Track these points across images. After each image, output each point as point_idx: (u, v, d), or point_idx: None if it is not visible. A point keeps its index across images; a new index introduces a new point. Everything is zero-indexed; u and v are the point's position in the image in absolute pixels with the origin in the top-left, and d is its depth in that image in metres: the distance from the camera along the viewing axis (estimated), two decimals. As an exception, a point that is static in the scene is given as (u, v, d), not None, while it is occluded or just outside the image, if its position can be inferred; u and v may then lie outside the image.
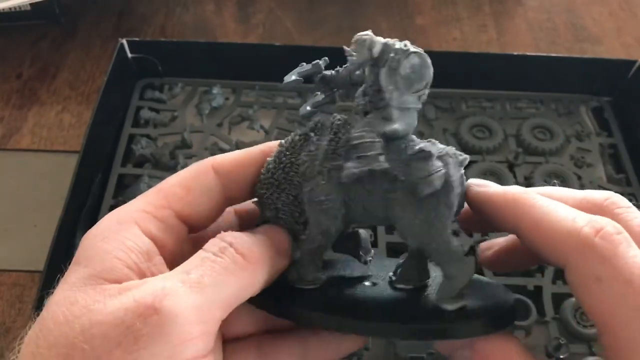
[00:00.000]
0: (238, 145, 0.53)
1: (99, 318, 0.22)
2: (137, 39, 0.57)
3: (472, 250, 0.45)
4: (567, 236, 0.24)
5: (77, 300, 0.23)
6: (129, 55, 0.56)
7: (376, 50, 0.26)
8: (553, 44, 0.67)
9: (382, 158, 0.26)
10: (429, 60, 0.26)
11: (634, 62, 0.56)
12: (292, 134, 0.29)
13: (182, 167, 0.51)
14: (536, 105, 0.58)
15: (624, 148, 0.54)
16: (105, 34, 0.66)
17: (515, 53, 0.59)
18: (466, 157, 0.27)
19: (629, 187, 0.52)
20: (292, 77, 0.29)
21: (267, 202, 0.29)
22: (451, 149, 0.27)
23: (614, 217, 0.25)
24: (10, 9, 0.61)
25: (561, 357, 0.42)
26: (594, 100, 0.58)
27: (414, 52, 0.26)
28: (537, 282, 0.45)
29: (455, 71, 0.55)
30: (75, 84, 0.61)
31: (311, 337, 0.30)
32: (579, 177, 0.52)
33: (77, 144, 0.55)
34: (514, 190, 0.27)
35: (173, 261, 0.27)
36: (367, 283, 0.31)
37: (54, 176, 0.54)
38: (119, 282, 0.24)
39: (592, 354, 0.42)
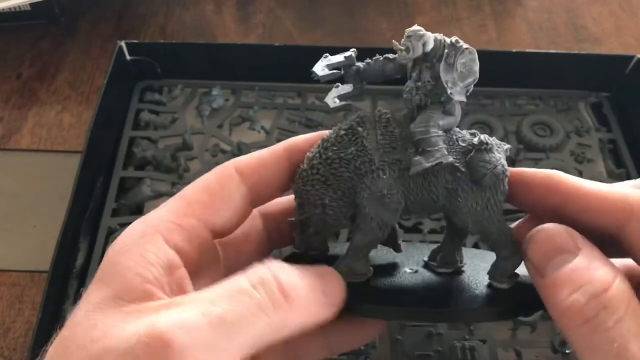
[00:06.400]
0: (239, 147, 0.53)
1: (112, 345, 0.22)
2: (135, 41, 0.57)
3: None
4: (624, 200, 0.26)
5: (97, 323, 0.23)
6: (128, 57, 0.56)
7: (429, 45, 0.26)
8: (553, 44, 0.67)
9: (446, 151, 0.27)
10: (477, 56, 0.27)
11: (631, 57, 0.56)
12: (335, 128, 0.29)
13: (184, 169, 0.52)
14: (535, 102, 0.58)
15: (624, 143, 0.54)
16: (105, 34, 0.66)
17: (514, 50, 0.59)
18: (509, 147, 0.29)
19: (630, 182, 0.52)
20: (323, 70, 0.28)
21: (312, 199, 0.28)
22: (494, 139, 0.29)
23: None
24: (10, 9, 0.61)
25: (567, 352, 0.42)
26: (593, 96, 0.58)
27: (466, 49, 0.27)
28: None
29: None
30: (75, 84, 0.61)
31: (332, 328, 0.29)
32: (580, 173, 0.52)
33: (77, 144, 0.56)
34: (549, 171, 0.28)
35: (197, 271, 0.27)
36: (407, 270, 0.31)
37: (53, 176, 0.54)
38: (140, 301, 0.23)
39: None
